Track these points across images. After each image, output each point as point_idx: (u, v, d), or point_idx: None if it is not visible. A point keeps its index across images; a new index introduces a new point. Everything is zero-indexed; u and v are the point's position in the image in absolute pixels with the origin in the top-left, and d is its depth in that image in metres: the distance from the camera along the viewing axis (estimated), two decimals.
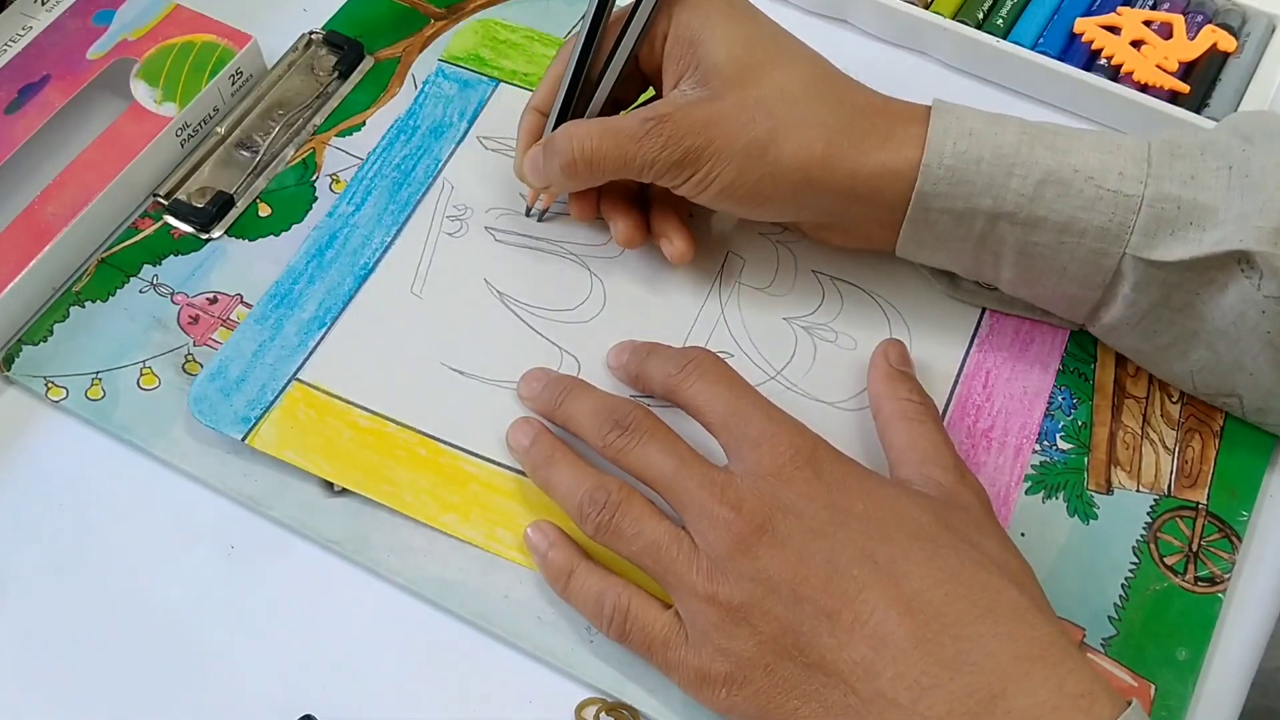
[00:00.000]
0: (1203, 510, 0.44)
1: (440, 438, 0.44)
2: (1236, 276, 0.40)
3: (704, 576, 0.37)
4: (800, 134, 0.42)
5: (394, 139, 0.52)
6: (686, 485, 0.38)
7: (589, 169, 0.44)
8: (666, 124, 0.43)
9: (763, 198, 0.43)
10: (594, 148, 0.44)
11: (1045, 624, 0.35)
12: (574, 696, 0.40)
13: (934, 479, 0.40)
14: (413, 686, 0.40)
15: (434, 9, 0.57)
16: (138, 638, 0.41)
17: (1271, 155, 0.40)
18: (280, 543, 0.43)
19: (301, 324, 0.47)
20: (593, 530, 0.39)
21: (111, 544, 0.43)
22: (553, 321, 0.47)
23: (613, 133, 0.44)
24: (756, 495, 0.37)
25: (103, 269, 0.48)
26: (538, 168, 0.46)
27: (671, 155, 0.43)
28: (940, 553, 0.36)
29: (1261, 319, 0.40)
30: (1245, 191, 0.40)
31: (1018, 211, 0.41)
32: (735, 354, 0.47)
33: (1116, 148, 0.41)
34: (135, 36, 0.52)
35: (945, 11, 0.54)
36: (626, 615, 0.39)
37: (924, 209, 0.42)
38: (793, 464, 0.38)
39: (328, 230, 0.49)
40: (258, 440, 0.44)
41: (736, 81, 0.43)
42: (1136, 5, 0.55)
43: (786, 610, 0.36)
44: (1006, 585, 0.35)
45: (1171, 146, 0.41)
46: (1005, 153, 0.41)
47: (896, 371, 0.44)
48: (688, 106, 0.43)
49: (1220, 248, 0.39)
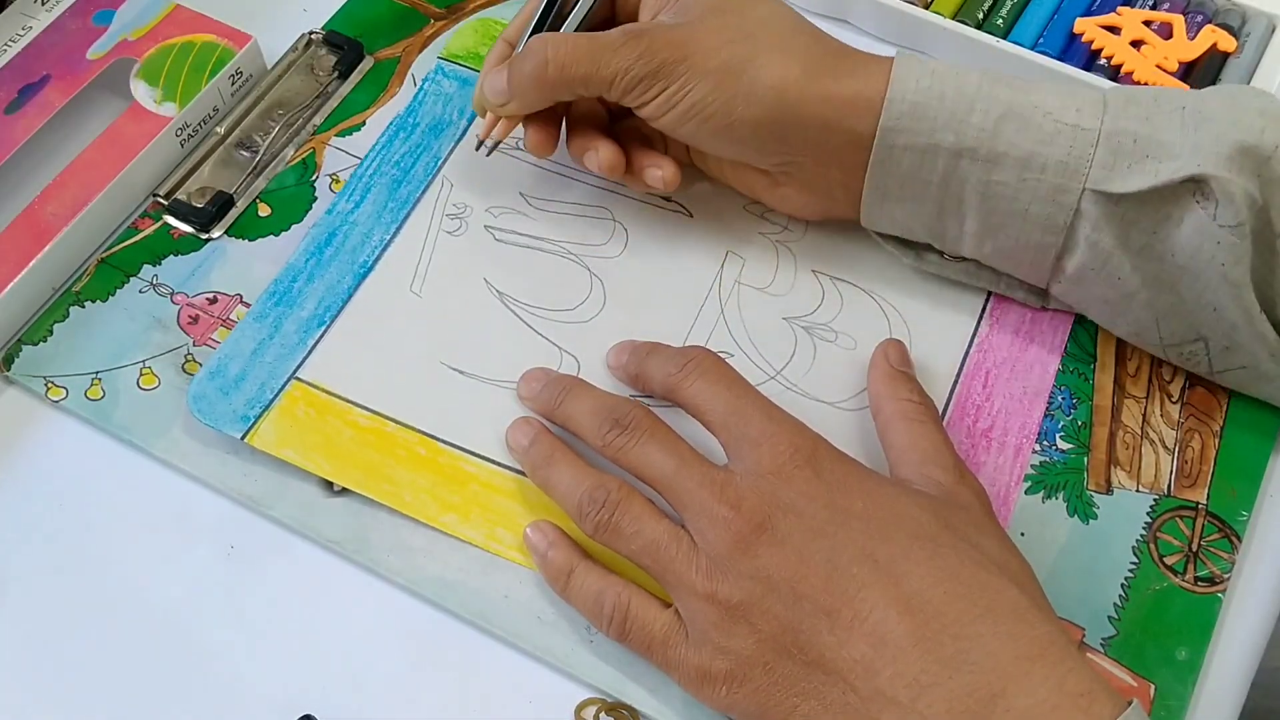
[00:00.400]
0: (1202, 510, 0.44)
1: (440, 437, 0.44)
2: (1192, 208, 0.40)
3: (703, 575, 0.37)
4: (779, 56, 0.43)
5: (393, 136, 0.52)
6: (686, 484, 0.38)
7: (559, 75, 0.44)
8: (644, 37, 0.43)
9: (730, 121, 0.43)
10: (568, 52, 0.43)
11: (1045, 623, 0.35)
12: (574, 696, 0.40)
13: (934, 479, 0.40)
14: (413, 686, 0.40)
15: (434, 9, 0.57)
16: (138, 638, 0.41)
17: (1224, 98, 0.41)
18: (280, 543, 0.43)
19: (301, 322, 0.47)
20: (592, 529, 0.39)
21: (111, 544, 0.43)
22: (553, 321, 0.47)
23: (586, 40, 0.44)
24: (756, 494, 0.37)
25: (103, 269, 0.48)
26: (499, 85, 0.46)
27: (647, 65, 0.43)
28: (940, 552, 0.36)
29: (1218, 250, 0.40)
30: (1199, 125, 0.40)
31: (978, 147, 0.42)
32: (735, 354, 0.47)
33: (1073, 93, 0.42)
34: (135, 36, 0.52)
35: (945, 11, 0.54)
36: (626, 614, 0.39)
37: (888, 146, 0.42)
38: (793, 463, 0.38)
39: (327, 228, 0.49)
40: (257, 439, 0.44)
41: (716, 9, 0.44)
42: (1136, 5, 0.55)
43: (786, 608, 0.36)
44: (1006, 584, 0.35)
45: (1126, 94, 0.42)
46: (967, 90, 0.42)
47: (897, 372, 0.44)
48: (667, 26, 0.44)
49: (1176, 175, 0.40)
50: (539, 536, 0.41)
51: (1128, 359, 0.47)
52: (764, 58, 0.43)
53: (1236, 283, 0.40)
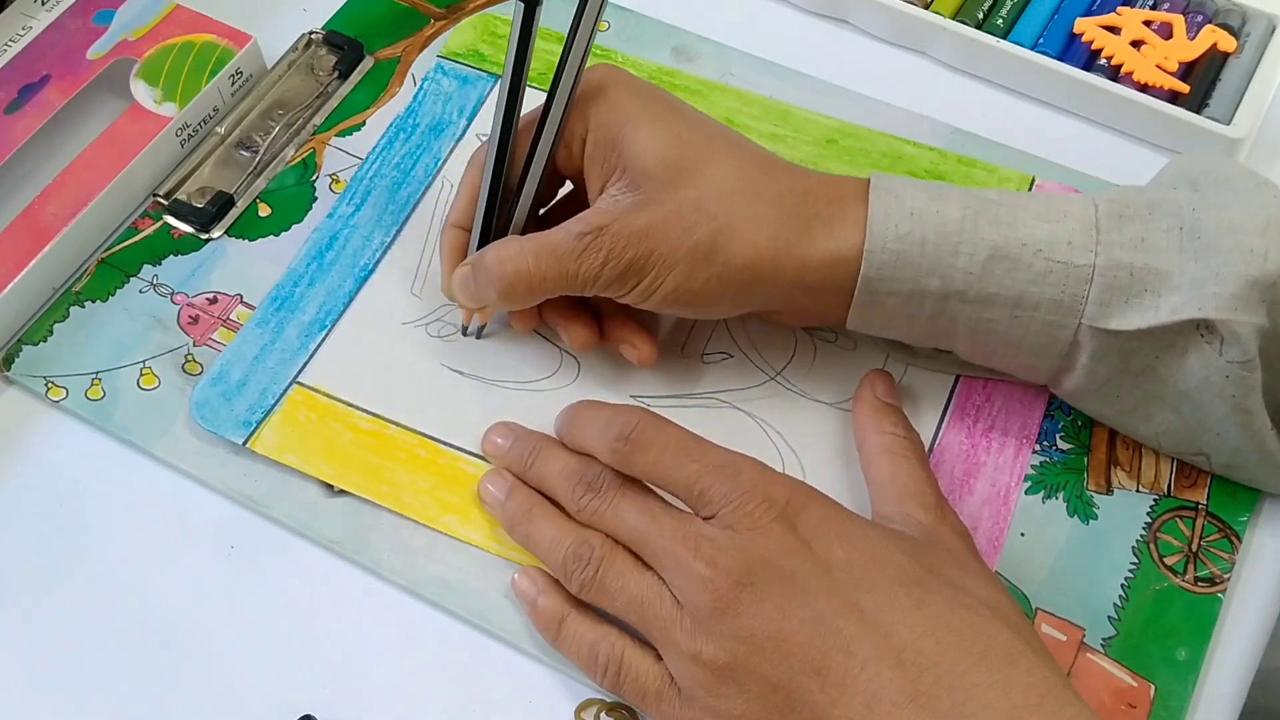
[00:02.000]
0: (1202, 510, 0.44)
1: (440, 439, 0.44)
2: (1197, 342, 0.39)
3: (688, 635, 0.36)
4: (745, 232, 0.40)
5: (393, 137, 0.52)
6: (661, 542, 0.37)
7: (528, 290, 0.42)
8: (604, 236, 0.40)
9: (710, 299, 0.42)
10: (530, 268, 0.41)
11: (1041, 668, 0.34)
12: (574, 696, 0.40)
13: (914, 518, 0.39)
14: (413, 686, 0.40)
15: (434, 9, 0.57)
16: (138, 638, 0.41)
17: (1222, 211, 0.39)
18: (280, 543, 0.43)
19: (302, 327, 0.47)
20: (578, 588, 0.39)
21: (111, 544, 0.43)
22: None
23: (548, 250, 0.41)
24: (734, 549, 0.36)
25: (103, 269, 0.48)
26: (469, 289, 0.44)
27: (614, 269, 0.41)
28: (927, 598, 0.35)
29: (1226, 384, 0.39)
30: (1199, 255, 0.39)
31: (967, 290, 0.40)
32: (735, 354, 0.47)
33: (1063, 215, 0.40)
34: (135, 36, 0.52)
35: (945, 11, 0.54)
36: (620, 667, 0.38)
37: (870, 293, 0.41)
38: (767, 516, 0.37)
39: (328, 231, 0.49)
40: (259, 444, 0.44)
41: (670, 183, 0.41)
42: (1136, 5, 0.55)
43: (773, 668, 0.35)
44: (999, 628, 0.34)
45: (1119, 208, 0.40)
46: (949, 230, 0.40)
47: (882, 404, 0.44)
48: (623, 216, 0.41)
49: (1178, 316, 0.38)
50: (528, 584, 0.41)
51: None
52: (729, 237, 0.40)
53: (1249, 410, 0.40)
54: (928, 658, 0.34)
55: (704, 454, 0.39)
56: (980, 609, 0.35)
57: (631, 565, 0.38)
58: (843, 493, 0.44)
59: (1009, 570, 0.42)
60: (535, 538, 0.41)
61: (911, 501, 0.40)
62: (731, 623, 0.35)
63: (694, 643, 0.36)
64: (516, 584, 0.41)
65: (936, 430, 0.45)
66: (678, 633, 0.36)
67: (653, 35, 0.55)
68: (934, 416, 0.45)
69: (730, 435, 0.44)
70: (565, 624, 0.40)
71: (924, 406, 0.46)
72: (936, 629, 0.34)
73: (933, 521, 0.39)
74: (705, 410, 0.45)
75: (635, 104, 0.42)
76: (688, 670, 0.36)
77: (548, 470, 0.41)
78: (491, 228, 0.44)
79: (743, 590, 0.36)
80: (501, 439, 0.43)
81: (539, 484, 0.42)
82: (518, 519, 0.41)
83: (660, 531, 0.38)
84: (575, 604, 0.40)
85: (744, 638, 0.35)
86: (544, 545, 0.40)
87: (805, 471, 0.44)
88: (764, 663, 0.35)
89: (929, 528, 0.39)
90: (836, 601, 0.35)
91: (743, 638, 0.35)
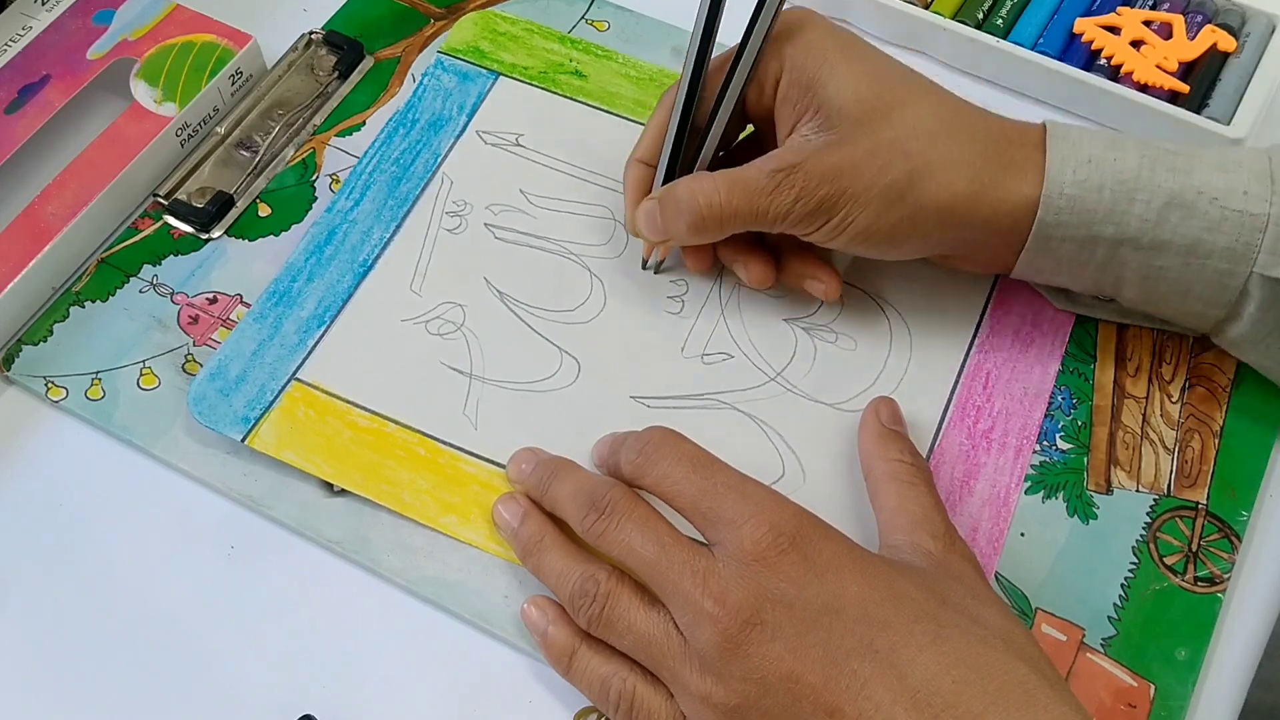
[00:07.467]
0: (1202, 510, 0.44)
1: (439, 438, 0.44)
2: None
3: (697, 675, 0.35)
4: (942, 174, 0.41)
5: (392, 132, 0.52)
6: (668, 574, 0.36)
7: (719, 224, 0.43)
8: (798, 174, 0.41)
9: (899, 239, 0.42)
10: (723, 202, 0.42)
11: (1058, 703, 0.33)
12: (574, 697, 0.40)
13: (924, 546, 0.38)
14: (413, 686, 0.40)
15: (434, 9, 0.57)
16: (138, 638, 0.41)
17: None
18: (280, 543, 0.43)
19: (301, 322, 0.47)
20: (585, 624, 0.38)
21: (111, 544, 0.43)
22: (553, 322, 0.47)
23: (740, 185, 0.42)
24: (742, 585, 0.35)
25: (103, 269, 0.48)
26: (655, 223, 0.44)
27: (806, 206, 0.41)
28: (943, 633, 0.34)
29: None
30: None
31: (1141, 236, 0.41)
32: (735, 355, 0.47)
33: (1238, 165, 0.41)
34: (135, 36, 0.52)
35: (945, 11, 0.54)
36: (632, 704, 0.37)
37: (1045, 238, 0.41)
38: (776, 547, 0.36)
39: (326, 226, 0.49)
40: (257, 441, 0.44)
41: (866, 123, 0.41)
42: (1136, 5, 0.55)
43: (784, 710, 0.34)
44: (1015, 663, 0.34)
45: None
46: (1126, 178, 0.40)
47: (888, 430, 0.43)
48: (817, 154, 0.41)
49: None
50: (538, 614, 0.40)
51: (1128, 359, 0.47)
52: (926, 178, 0.41)
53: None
54: (944, 698, 0.33)
55: (714, 472, 0.38)
56: (996, 642, 0.34)
57: (638, 601, 0.38)
58: (844, 494, 0.44)
59: (1009, 570, 0.42)
60: (545, 569, 0.40)
61: (921, 530, 0.39)
62: (742, 664, 0.35)
63: (704, 684, 0.35)
64: (526, 614, 0.41)
65: (936, 430, 0.45)
66: (687, 673, 0.36)
67: (653, 35, 0.55)
68: (934, 416, 0.45)
69: (730, 436, 0.44)
70: (576, 657, 0.39)
71: (924, 407, 0.46)
72: (953, 666, 0.33)
73: (942, 550, 0.39)
74: (705, 412, 0.45)
75: (831, 45, 0.43)
76: (699, 711, 0.36)
77: (560, 492, 0.41)
78: (678, 164, 0.45)
79: (752, 630, 0.35)
80: (525, 464, 0.43)
81: (553, 507, 0.41)
82: (529, 548, 0.41)
83: (669, 561, 0.37)
84: (586, 637, 0.39)
85: (755, 679, 0.34)
86: (552, 578, 0.40)
87: (805, 473, 0.44)
88: (775, 704, 0.34)
89: (938, 556, 0.38)
90: (850, 640, 0.34)
91: (754, 679, 0.34)
